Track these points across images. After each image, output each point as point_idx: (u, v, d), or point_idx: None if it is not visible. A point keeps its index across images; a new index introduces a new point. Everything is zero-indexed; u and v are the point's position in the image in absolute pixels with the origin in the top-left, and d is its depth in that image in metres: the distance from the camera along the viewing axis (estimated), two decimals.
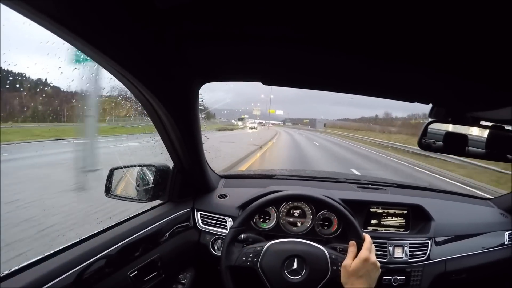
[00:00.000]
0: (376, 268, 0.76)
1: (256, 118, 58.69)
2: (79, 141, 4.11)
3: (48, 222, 2.76)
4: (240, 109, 59.25)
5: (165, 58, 0.62)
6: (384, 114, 73.61)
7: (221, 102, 35.30)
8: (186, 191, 1.14)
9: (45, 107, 4.06)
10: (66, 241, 0.74)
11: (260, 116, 59.94)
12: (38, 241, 2.43)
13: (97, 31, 0.45)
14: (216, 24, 0.54)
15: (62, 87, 2.83)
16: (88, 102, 3.26)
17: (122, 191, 1.05)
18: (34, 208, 3.07)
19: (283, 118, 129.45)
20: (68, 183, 3.74)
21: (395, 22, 0.48)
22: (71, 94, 4.43)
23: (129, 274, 0.81)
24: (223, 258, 0.85)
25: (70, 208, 3.18)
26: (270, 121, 74.91)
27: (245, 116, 59.56)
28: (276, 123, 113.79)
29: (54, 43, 0.55)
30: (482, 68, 0.61)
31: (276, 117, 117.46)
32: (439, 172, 8.41)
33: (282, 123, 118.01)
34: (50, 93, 3.16)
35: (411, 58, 0.61)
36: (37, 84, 2.97)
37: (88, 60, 0.56)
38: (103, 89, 2.85)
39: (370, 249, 0.79)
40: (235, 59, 0.71)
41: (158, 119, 0.82)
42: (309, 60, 0.68)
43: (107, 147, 5.18)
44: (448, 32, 0.48)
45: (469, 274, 1.17)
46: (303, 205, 1.15)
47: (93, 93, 3.09)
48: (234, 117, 53.39)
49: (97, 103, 3.54)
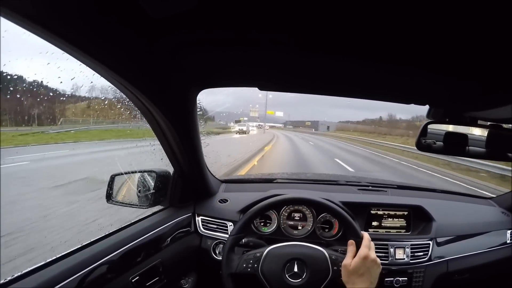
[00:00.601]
0: (376, 265, 0.76)
1: (255, 120, 56.73)
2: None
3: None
4: (239, 111, 56.10)
5: (162, 66, 0.63)
6: (388, 116, 68.27)
7: (222, 106, 34.46)
8: (187, 196, 1.15)
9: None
10: (67, 247, 0.75)
11: (259, 118, 57.62)
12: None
13: (94, 41, 0.46)
14: (211, 32, 0.55)
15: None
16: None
17: (123, 197, 1.06)
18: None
19: (284, 121, 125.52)
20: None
21: (390, 25, 0.48)
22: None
23: (130, 280, 0.81)
24: (223, 266, 0.85)
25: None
26: (267, 123, 69.30)
27: (243, 119, 56.25)
28: (276, 125, 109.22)
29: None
30: (477, 68, 0.62)
31: (276, 120, 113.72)
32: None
33: (283, 125, 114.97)
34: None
35: (406, 59, 0.61)
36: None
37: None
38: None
39: (369, 247, 0.79)
40: (231, 65, 0.72)
41: (157, 125, 0.83)
42: (305, 64, 0.68)
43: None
44: (443, 33, 0.49)
45: (472, 274, 1.16)
46: (304, 209, 1.15)
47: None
48: (233, 119, 51.69)
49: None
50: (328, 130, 49.62)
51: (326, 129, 64.67)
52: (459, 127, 0.96)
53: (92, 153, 7.44)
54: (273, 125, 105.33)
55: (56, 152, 7.17)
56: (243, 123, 41.59)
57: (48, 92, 4.70)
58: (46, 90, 4.13)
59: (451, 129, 0.97)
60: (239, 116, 59.22)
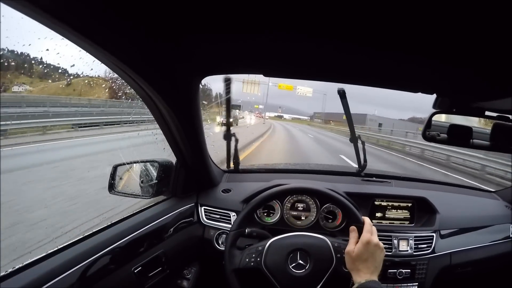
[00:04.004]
0: (380, 249, 0.75)
1: (278, 111, 47.77)
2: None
3: None
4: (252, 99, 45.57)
5: (165, 53, 0.62)
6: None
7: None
8: (190, 186, 1.14)
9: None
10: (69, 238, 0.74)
11: (282, 108, 48.36)
12: None
13: (96, 28, 0.45)
14: (215, 17, 0.54)
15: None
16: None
17: (126, 188, 1.05)
18: None
19: (311, 113, 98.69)
20: None
21: (398, 11, 0.47)
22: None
23: (133, 270, 0.81)
24: (226, 262, 0.84)
25: None
26: (290, 114, 55.33)
27: (258, 106, 46.98)
28: (302, 118, 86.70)
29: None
30: (487, 58, 0.60)
31: (301, 112, 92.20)
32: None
33: (309, 118, 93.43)
34: None
35: (415, 48, 0.60)
36: None
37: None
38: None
39: (371, 231, 0.78)
40: (235, 52, 0.70)
41: (160, 114, 0.82)
42: (311, 51, 0.67)
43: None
44: (452, 22, 0.47)
45: (475, 267, 1.16)
46: (307, 199, 1.15)
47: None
48: (248, 108, 42.46)
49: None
50: (380, 130, 26.94)
51: (378, 128, 37.81)
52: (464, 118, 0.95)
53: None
54: (296, 117, 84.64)
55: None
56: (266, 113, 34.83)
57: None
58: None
59: (456, 121, 0.97)
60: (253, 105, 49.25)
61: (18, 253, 2.17)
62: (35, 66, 10.96)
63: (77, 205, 3.24)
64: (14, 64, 3.99)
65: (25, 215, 2.86)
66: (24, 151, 5.49)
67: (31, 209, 3.03)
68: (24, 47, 1.89)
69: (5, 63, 3.80)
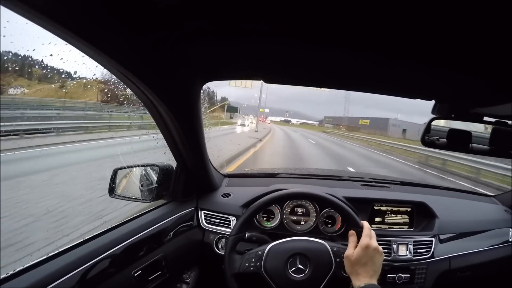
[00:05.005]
0: (379, 253, 0.76)
1: (285, 115, 47.32)
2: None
3: None
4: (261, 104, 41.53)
5: (166, 58, 0.63)
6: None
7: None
8: (190, 191, 1.14)
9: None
10: (70, 241, 0.74)
11: (289, 113, 48.72)
12: None
13: (97, 31, 0.45)
14: (216, 22, 0.54)
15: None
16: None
17: (126, 191, 1.05)
18: None
19: (320, 118, 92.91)
20: None
21: (397, 17, 0.47)
22: None
23: (133, 274, 0.81)
24: (226, 267, 0.84)
25: None
26: (299, 119, 54.40)
27: (264, 110, 46.81)
28: (311, 123, 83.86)
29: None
30: (484, 63, 0.61)
31: (309, 116, 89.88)
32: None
33: (318, 123, 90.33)
34: None
35: (413, 54, 0.61)
36: None
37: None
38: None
39: (370, 235, 0.79)
40: (236, 57, 0.71)
41: (161, 119, 0.82)
42: (311, 57, 0.68)
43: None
44: (451, 28, 0.48)
45: (474, 271, 1.16)
46: (307, 204, 1.15)
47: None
48: (253, 112, 45.30)
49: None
50: (404, 136, 23.94)
51: (401, 134, 37.42)
52: (463, 123, 0.96)
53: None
54: (305, 121, 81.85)
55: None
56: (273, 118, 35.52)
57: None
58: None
59: (455, 126, 0.97)
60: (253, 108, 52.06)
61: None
62: (38, 70, 11.00)
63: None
64: (18, 68, 3.96)
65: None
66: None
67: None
68: (28, 51, 1.92)
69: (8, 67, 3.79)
